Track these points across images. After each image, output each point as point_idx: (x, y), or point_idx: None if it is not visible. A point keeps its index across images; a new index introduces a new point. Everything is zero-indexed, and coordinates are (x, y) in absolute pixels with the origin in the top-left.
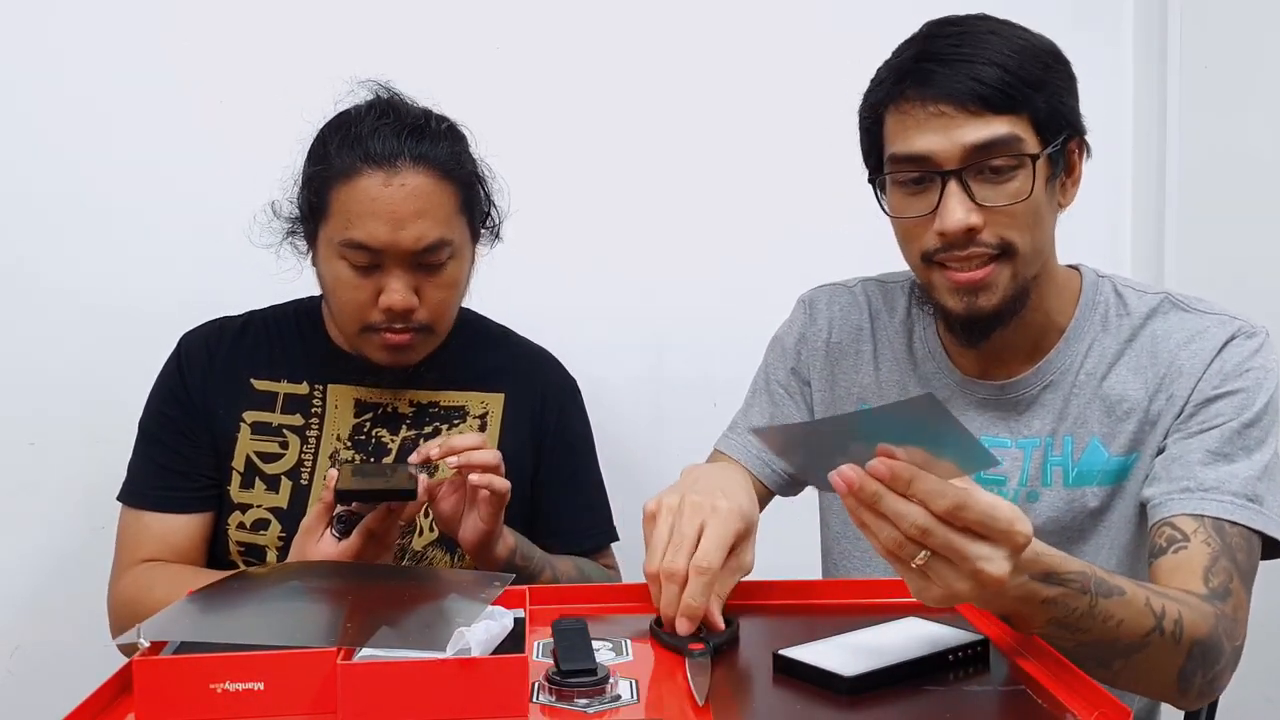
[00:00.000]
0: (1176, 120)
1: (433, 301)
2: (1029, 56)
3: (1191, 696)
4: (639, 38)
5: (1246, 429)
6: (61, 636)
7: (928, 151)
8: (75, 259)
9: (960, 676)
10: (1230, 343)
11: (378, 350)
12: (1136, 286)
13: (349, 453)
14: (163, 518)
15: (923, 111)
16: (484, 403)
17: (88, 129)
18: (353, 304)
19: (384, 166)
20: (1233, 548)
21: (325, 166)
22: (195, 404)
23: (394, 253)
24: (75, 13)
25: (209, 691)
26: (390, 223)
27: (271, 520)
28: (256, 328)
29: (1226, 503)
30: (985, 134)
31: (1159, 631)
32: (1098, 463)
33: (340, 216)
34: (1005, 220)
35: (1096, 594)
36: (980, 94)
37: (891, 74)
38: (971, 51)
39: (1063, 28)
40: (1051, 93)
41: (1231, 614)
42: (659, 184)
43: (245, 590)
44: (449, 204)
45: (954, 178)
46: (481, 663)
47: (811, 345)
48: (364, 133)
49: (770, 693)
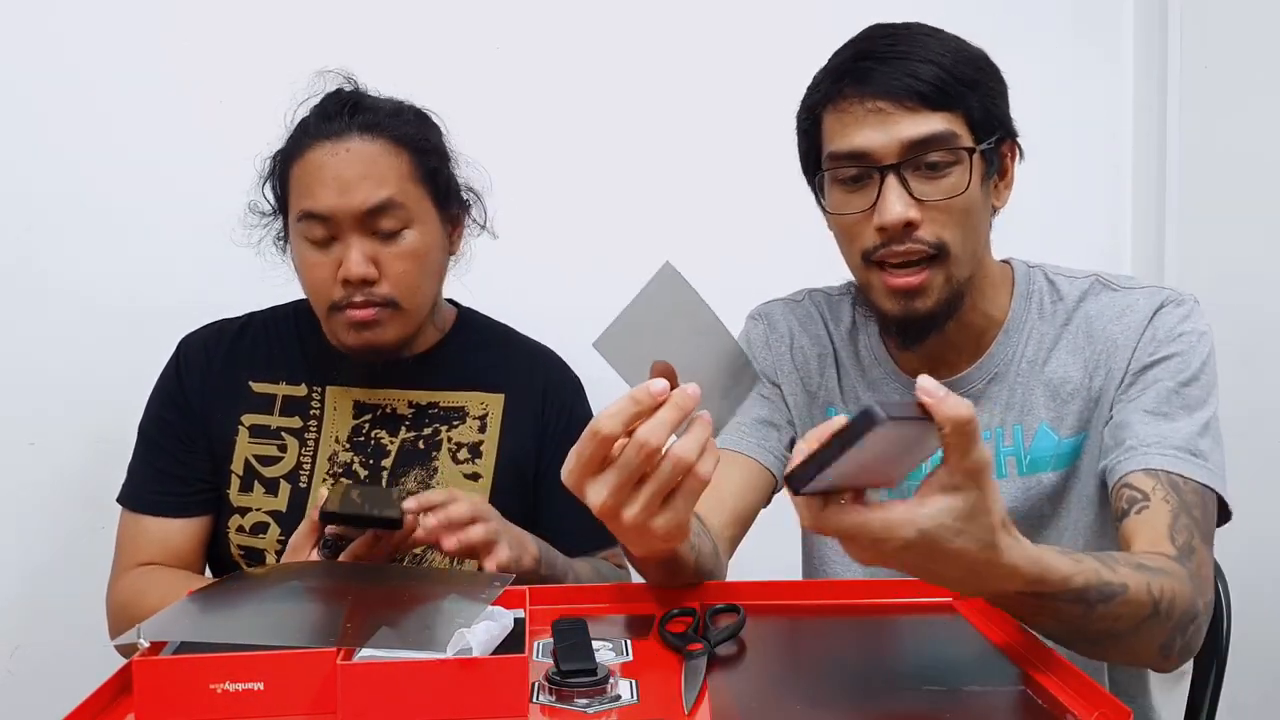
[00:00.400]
0: (1176, 120)
1: (394, 273)
2: (962, 58)
3: (1173, 660)
4: (639, 38)
5: (1184, 388)
6: (61, 636)
7: (866, 147)
8: (76, 259)
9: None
10: (1159, 311)
11: (346, 331)
12: (1066, 273)
13: (348, 455)
14: (160, 521)
15: (861, 108)
16: (484, 403)
17: (88, 129)
18: (316, 283)
19: (332, 137)
20: (1189, 504)
21: (286, 149)
22: (193, 408)
23: (344, 218)
24: (75, 13)
25: (209, 691)
26: (337, 187)
27: (270, 523)
28: (255, 329)
29: (1170, 456)
30: (923, 129)
31: (1154, 614)
32: (1049, 447)
33: (296, 191)
34: (942, 218)
35: (1095, 602)
36: (917, 90)
37: (829, 75)
38: (908, 49)
39: (1063, 29)
40: (984, 93)
41: (1197, 571)
42: (659, 184)
43: (245, 590)
44: (400, 169)
45: (892, 172)
46: (481, 663)
47: (777, 351)
48: (317, 114)
49: (770, 693)
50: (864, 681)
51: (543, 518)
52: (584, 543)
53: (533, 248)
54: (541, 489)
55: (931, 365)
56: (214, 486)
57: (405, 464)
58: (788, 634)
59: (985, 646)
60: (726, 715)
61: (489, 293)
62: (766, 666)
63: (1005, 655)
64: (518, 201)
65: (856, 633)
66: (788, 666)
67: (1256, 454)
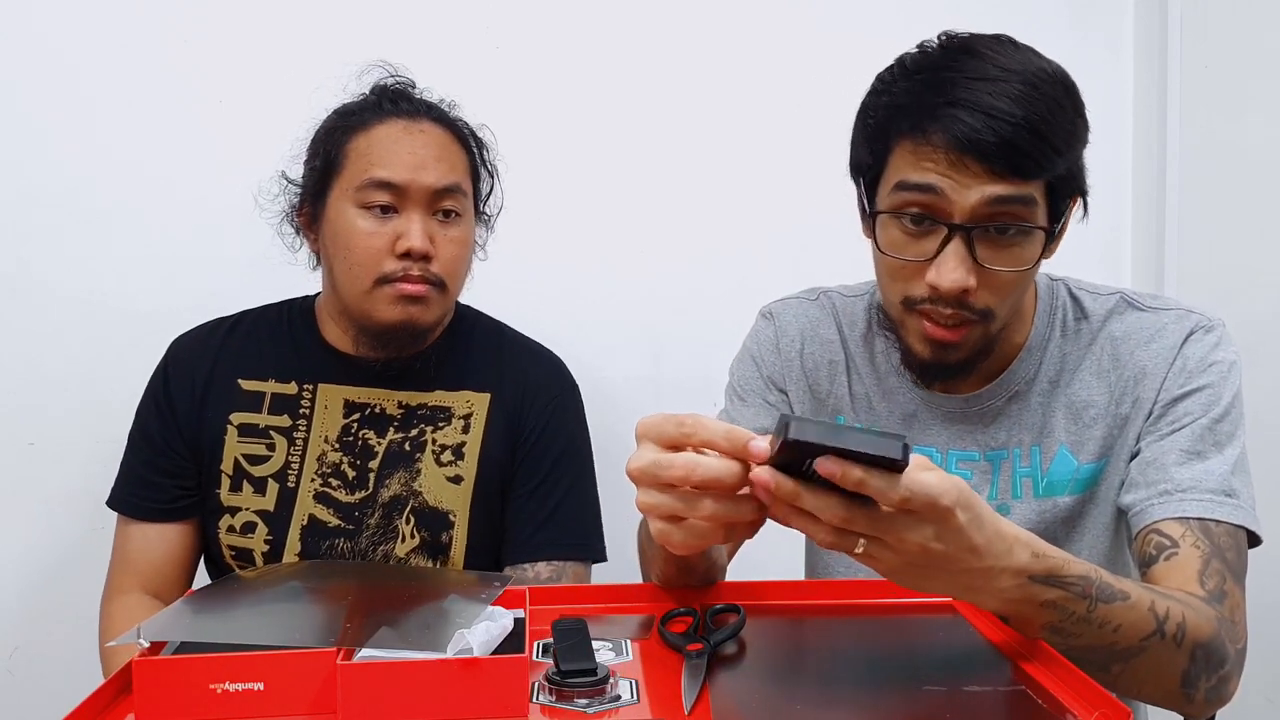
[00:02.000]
0: (1177, 120)
1: (447, 256)
2: (1060, 114)
3: (1199, 702)
4: (639, 39)
5: (1216, 424)
6: (61, 637)
7: (940, 197)
8: (75, 259)
9: (960, 677)
10: (1190, 339)
11: (391, 305)
12: (1090, 288)
13: (336, 455)
14: (146, 527)
15: (943, 155)
16: (469, 403)
17: (88, 129)
18: (369, 252)
19: (405, 116)
20: (1222, 548)
21: (344, 120)
22: (180, 412)
23: (415, 192)
24: (75, 13)
25: (209, 692)
26: (412, 161)
27: (259, 523)
28: (246, 327)
29: (1206, 501)
30: (1006, 193)
31: (1159, 635)
32: (1067, 471)
33: (360, 161)
34: (998, 287)
35: (1097, 599)
36: (1009, 159)
37: (913, 101)
38: (1006, 107)
39: (1063, 28)
40: (1073, 155)
41: (1230, 616)
42: (659, 184)
43: (244, 590)
44: (463, 161)
45: (960, 233)
46: (481, 663)
47: (786, 355)
48: (381, 94)
49: (770, 693)
50: (864, 681)
51: (509, 518)
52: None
53: (532, 248)
54: (511, 489)
55: (952, 380)
56: (198, 491)
57: (391, 466)
58: (788, 634)
59: (985, 646)
60: (726, 715)
61: (489, 293)
62: (766, 666)
63: (1005, 655)
64: (518, 201)
65: (856, 633)
66: (788, 666)
67: (1256, 455)
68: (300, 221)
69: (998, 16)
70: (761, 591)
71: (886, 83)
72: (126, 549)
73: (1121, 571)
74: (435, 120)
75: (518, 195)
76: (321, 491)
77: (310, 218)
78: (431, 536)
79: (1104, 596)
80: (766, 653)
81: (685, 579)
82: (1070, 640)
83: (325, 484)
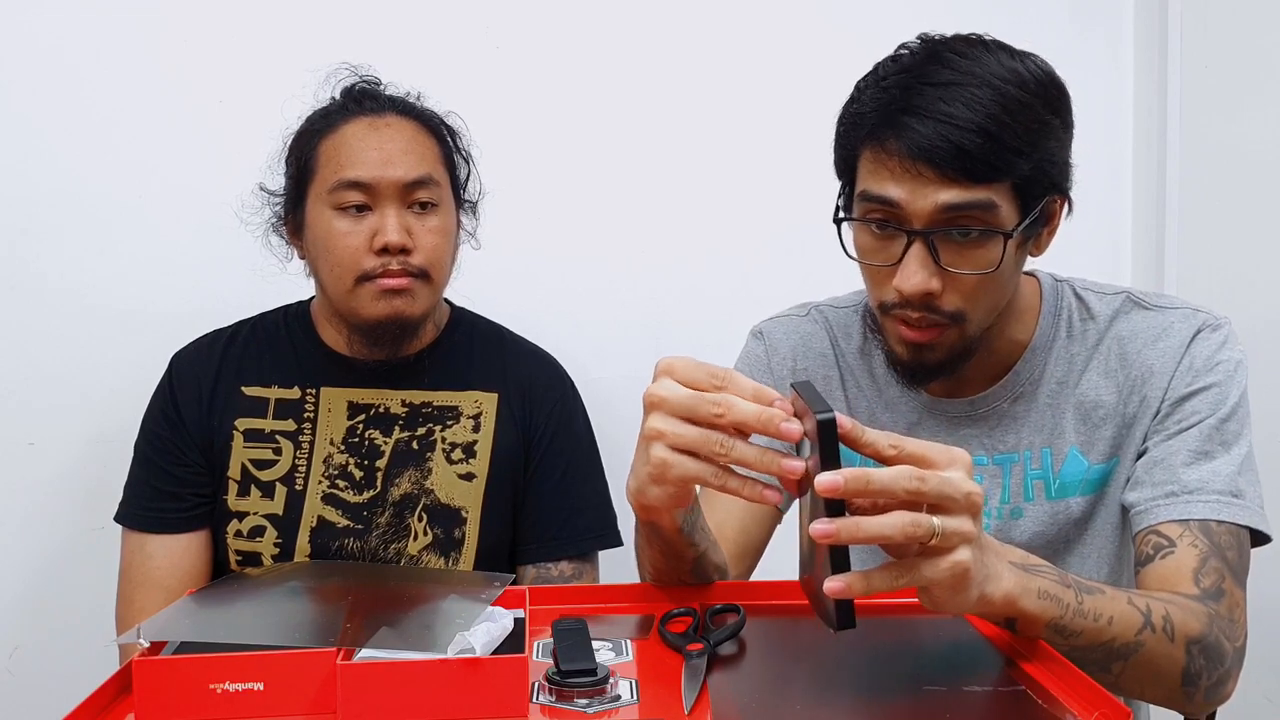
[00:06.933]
0: (1177, 120)
1: (427, 245)
2: (1022, 115)
3: (1199, 700)
4: (638, 40)
5: (1224, 424)
6: (61, 637)
7: (898, 204)
8: (75, 259)
9: (960, 677)
10: (1196, 337)
11: (375, 301)
12: (1096, 288)
13: (343, 456)
14: (164, 539)
15: (898, 164)
16: (478, 402)
17: (87, 129)
18: (347, 252)
19: (370, 113)
20: (1221, 546)
21: (312, 125)
22: (186, 422)
23: (385, 187)
24: (74, 13)
25: (209, 692)
26: (380, 157)
27: (267, 527)
28: (245, 336)
29: (1212, 502)
30: (960, 198)
31: (1149, 628)
32: (1078, 472)
33: (330, 164)
34: (965, 289)
35: (1079, 590)
36: (961, 164)
37: (874, 108)
38: (959, 113)
39: (1062, 27)
40: (1040, 155)
41: (1227, 614)
42: (658, 184)
43: (245, 590)
44: (433, 151)
45: (920, 239)
46: (481, 663)
47: (778, 374)
48: (347, 94)
49: (770, 693)
50: (864, 681)
51: (523, 518)
52: (564, 547)
53: (531, 248)
54: (526, 490)
55: (953, 385)
56: (209, 501)
57: (399, 464)
58: (788, 634)
59: (985, 646)
60: (726, 715)
61: (488, 293)
62: (766, 666)
63: (1005, 655)
64: (517, 201)
65: (856, 633)
66: (788, 666)
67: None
68: (286, 231)
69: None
70: (761, 591)
71: (859, 90)
72: (147, 566)
73: (1127, 571)
74: (401, 113)
75: (518, 195)
76: (329, 493)
77: (295, 226)
78: (444, 533)
79: (1083, 588)
80: (766, 653)
81: (673, 566)
82: (1071, 640)
83: (332, 485)
